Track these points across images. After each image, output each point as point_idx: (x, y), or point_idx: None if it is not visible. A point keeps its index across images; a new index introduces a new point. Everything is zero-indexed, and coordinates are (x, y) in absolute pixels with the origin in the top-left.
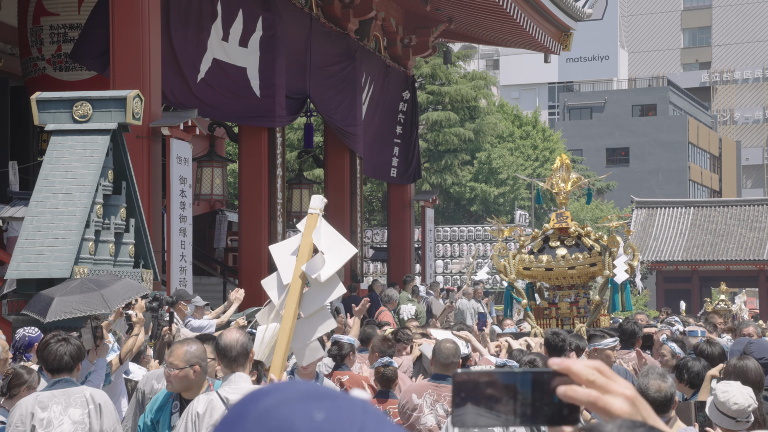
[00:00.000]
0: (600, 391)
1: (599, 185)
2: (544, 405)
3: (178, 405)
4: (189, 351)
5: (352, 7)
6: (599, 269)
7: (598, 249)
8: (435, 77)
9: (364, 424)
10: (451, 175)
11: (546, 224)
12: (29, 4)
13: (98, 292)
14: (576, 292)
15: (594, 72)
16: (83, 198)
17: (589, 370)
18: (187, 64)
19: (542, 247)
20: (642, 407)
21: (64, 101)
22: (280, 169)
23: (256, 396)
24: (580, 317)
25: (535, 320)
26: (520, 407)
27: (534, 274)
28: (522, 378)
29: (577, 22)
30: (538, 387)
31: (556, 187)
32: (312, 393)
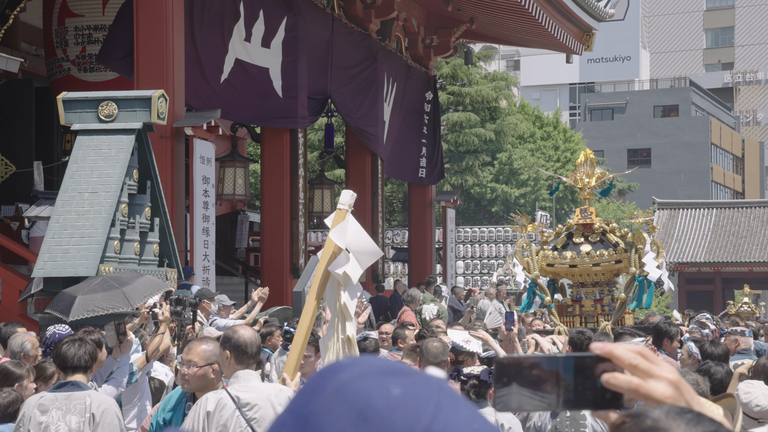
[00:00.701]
0: (643, 376)
1: (621, 186)
2: (587, 389)
3: (191, 406)
4: (208, 349)
5: (374, 7)
6: (625, 266)
7: (623, 246)
8: (456, 78)
9: (440, 402)
10: (472, 176)
11: (570, 220)
12: (54, 6)
13: (120, 290)
14: (600, 290)
15: (615, 73)
16: (109, 197)
17: (632, 354)
18: (209, 65)
19: (566, 243)
20: (686, 391)
21: (89, 101)
22: (301, 170)
23: (334, 369)
24: (604, 315)
25: (558, 318)
26: (563, 392)
27: (557, 271)
28: (565, 363)
29: (599, 23)
30: (581, 372)
31: (580, 183)
32: (389, 369)
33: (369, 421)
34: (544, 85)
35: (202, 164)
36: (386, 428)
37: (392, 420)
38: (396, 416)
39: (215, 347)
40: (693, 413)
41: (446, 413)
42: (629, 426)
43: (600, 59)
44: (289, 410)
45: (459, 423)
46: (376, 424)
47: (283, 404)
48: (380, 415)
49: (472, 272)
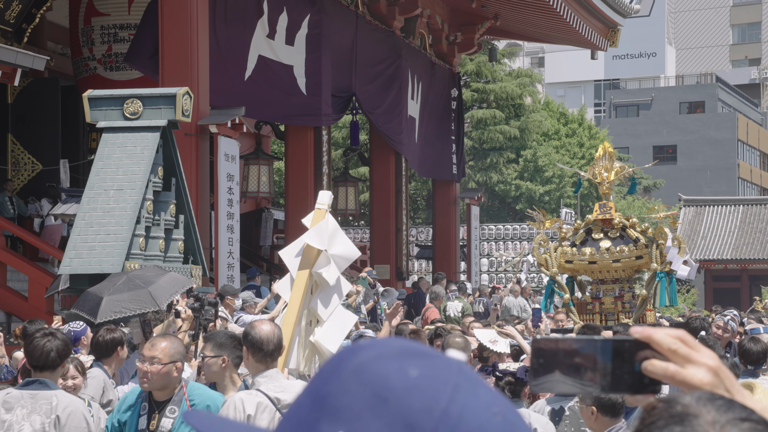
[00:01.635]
0: (682, 361)
1: (646, 183)
2: (625, 374)
3: (147, 407)
4: (172, 346)
5: (398, 4)
6: (646, 262)
7: (643, 241)
8: (480, 75)
9: (458, 384)
10: (497, 173)
11: (589, 215)
12: (80, 5)
13: (146, 290)
14: (620, 286)
15: (641, 69)
16: (134, 194)
17: (671, 339)
18: (233, 62)
19: (585, 239)
20: (725, 378)
21: (115, 99)
22: (326, 167)
23: (353, 350)
24: (625, 312)
25: (578, 316)
26: (600, 375)
27: (576, 268)
28: (602, 346)
29: (624, 18)
30: (619, 356)
31: (598, 177)
32: (409, 350)
33: (386, 403)
34: (569, 82)
35: (227, 162)
36: (403, 410)
37: (409, 401)
38: (413, 398)
39: (179, 344)
40: (724, 399)
41: (464, 395)
42: (659, 411)
43: (625, 55)
44: (307, 391)
45: (477, 405)
46: (393, 405)
47: None
48: (397, 396)
49: (496, 270)
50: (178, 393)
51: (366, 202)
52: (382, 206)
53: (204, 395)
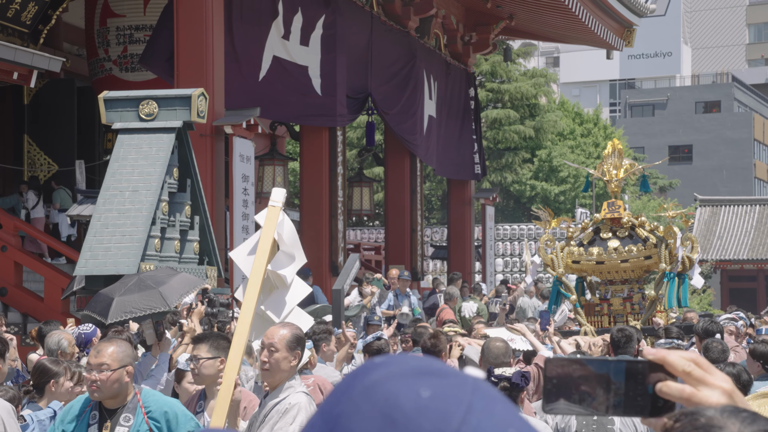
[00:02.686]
0: (696, 384)
1: (662, 183)
2: (638, 396)
3: (97, 415)
4: (120, 350)
5: (413, 4)
6: (655, 262)
7: (653, 240)
8: (495, 75)
9: (472, 404)
10: (512, 173)
11: (597, 214)
12: (96, 6)
13: (156, 290)
14: (630, 287)
15: (656, 69)
16: (149, 195)
17: (685, 361)
18: (248, 63)
19: (593, 239)
20: (739, 401)
21: (130, 100)
22: (340, 167)
23: (367, 368)
24: (634, 314)
25: (585, 317)
26: (613, 397)
27: (584, 268)
28: (615, 367)
29: (639, 18)
30: (632, 377)
31: (607, 175)
32: (422, 369)
33: (396, 424)
34: (584, 82)
35: (242, 162)
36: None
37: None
38: (423, 419)
39: (127, 347)
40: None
41: (477, 416)
42: (683, 424)
43: (640, 55)
44: (320, 410)
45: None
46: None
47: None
48: (408, 417)
49: (511, 270)
50: (132, 400)
51: (380, 202)
52: (396, 206)
53: (160, 402)
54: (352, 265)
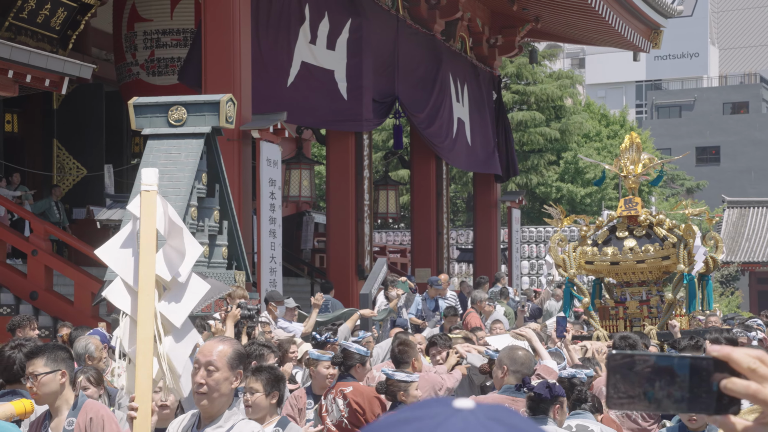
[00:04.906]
0: (762, 381)
1: (689, 184)
2: (703, 392)
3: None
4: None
5: (439, 8)
6: (673, 263)
7: (672, 240)
8: (520, 77)
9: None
10: (537, 175)
11: (612, 212)
12: (124, 11)
13: None
14: (647, 290)
15: (683, 69)
16: (179, 201)
17: (750, 358)
18: (275, 68)
19: (608, 238)
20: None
21: (159, 106)
22: (366, 171)
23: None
24: (651, 318)
25: (600, 321)
26: (677, 393)
27: (598, 269)
28: (679, 363)
29: (666, 19)
30: (696, 374)
31: (624, 170)
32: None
33: None
34: (610, 83)
35: (269, 167)
36: None
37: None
38: None
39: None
40: None
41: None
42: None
43: (667, 56)
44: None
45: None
46: None
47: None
48: None
49: (537, 272)
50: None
51: (406, 205)
52: (422, 209)
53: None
54: (380, 270)
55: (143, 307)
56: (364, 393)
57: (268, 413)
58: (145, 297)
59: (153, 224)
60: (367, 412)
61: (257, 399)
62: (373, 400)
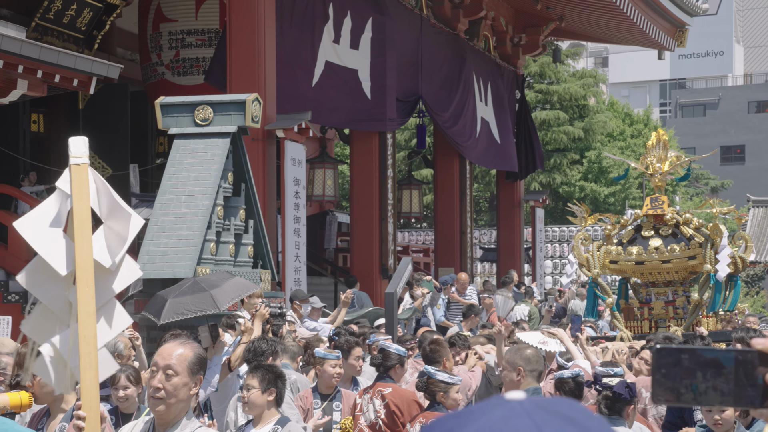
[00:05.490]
0: None
1: (714, 183)
2: (748, 386)
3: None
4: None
5: (462, 7)
6: (699, 263)
7: (699, 240)
8: (543, 76)
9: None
10: (560, 175)
11: (638, 211)
12: (149, 11)
13: (208, 293)
14: (673, 290)
15: (708, 68)
16: (205, 200)
17: None
18: (300, 67)
19: (633, 237)
20: None
21: (186, 105)
22: (390, 170)
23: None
24: (677, 319)
25: (624, 322)
26: (724, 386)
27: (622, 268)
28: (725, 356)
29: (692, 18)
30: (742, 367)
31: (650, 168)
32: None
33: None
34: (634, 82)
35: (293, 166)
36: None
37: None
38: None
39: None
40: None
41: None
42: None
43: (691, 54)
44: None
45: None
46: None
47: None
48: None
49: (560, 272)
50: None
51: (428, 205)
52: (446, 209)
53: None
54: (405, 269)
55: (83, 301)
56: (404, 395)
57: (266, 410)
58: (85, 289)
59: (87, 203)
60: (405, 414)
61: (252, 395)
62: (411, 403)
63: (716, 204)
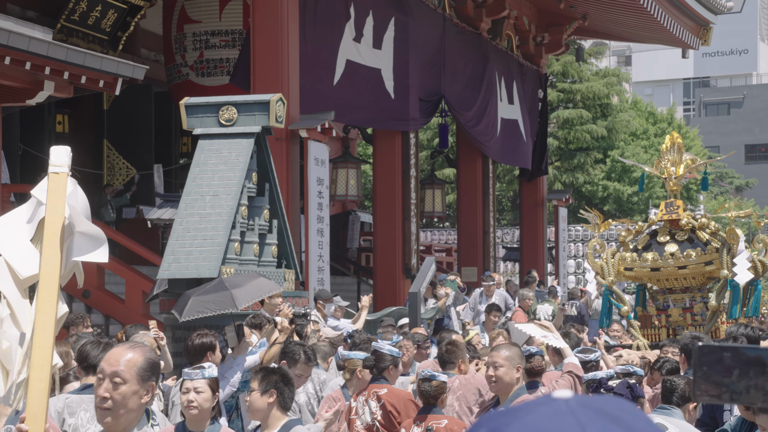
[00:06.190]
0: None
1: (738, 183)
2: None
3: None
4: None
5: (485, 6)
6: (717, 268)
7: (715, 244)
8: (566, 75)
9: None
10: (583, 174)
11: (652, 216)
12: (173, 13)
13: (229, 292)
14: (691, 296)
15: (732, 66)
16: (229, 200)
17: None
18: (322, 67)
19: (648, 243)
20: None
21: (210, 106)
22: (413, 170)
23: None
24: (695, 326)
25: (641, 330)
26: (766, 385)
27: (638, 275)
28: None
29: (716, 16)
30: None
31: (665, 172)
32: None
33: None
34: (657, 81)
35: (317, 166)
36: None
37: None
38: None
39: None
40: None
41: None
42: None
43: (715, 53)
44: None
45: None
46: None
47: None
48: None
49: (582, 272)
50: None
51: (450, 204)
52: (468, 208)
53: None
54: (428, 269)
55: (42, 311)
56: (400, 396)
57: (270, 415)
58: (46, 299)
59: (61, 213)
60: (402, 415)
61: (252, 397)
62: (408, 404)
63: (733, 207)
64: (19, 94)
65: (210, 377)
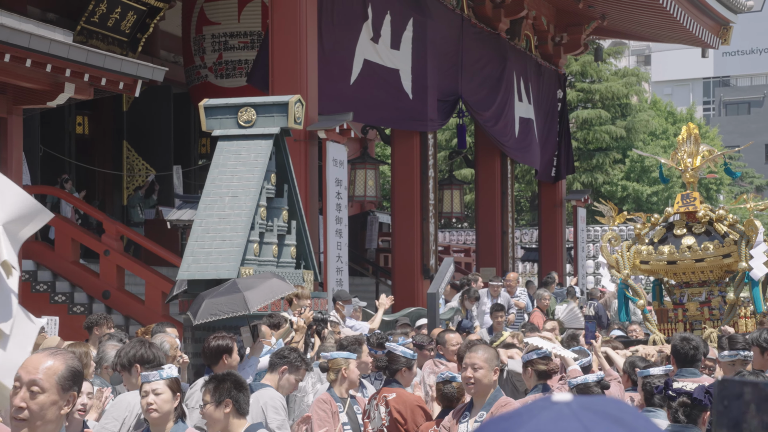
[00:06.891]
0: None
1: (759, 182)
2: None
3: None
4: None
5: (503, 6)
6: (735, 261)
7: (734, 237)
8: (585, 75)
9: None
10: (602, 174)
11: (669, 208)
12: (192, 14)
13: (241, 294)
14: (708, 290)
15: (752, 66)
16: (248, 201)
17: None
18: (339, 67)
19: (665, 236)
20: None
21: (229, 107)
22: (431, 170)
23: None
24: (713, 320)
25: (658, 325)
26: None
27: (654, 269)
28: None
29: (736, 15)
30: None
31: (681, 164)
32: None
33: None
34: (676, 80)
35: (335, 167)
36: None
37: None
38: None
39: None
40: None
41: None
42: None
43: (735, 52)
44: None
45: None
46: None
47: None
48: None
49: (599, 268)
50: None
51: (469, 204)
52: (487, 209)
53: None
54: (447, 269)
55: None
56: (407, 401)
57: (229, 425)
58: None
59: None
60: (409, 422)
61: (207, 410)
62: (416, 409)
63: (751, 199)
64: (39, 96)
65: (169, 378)
